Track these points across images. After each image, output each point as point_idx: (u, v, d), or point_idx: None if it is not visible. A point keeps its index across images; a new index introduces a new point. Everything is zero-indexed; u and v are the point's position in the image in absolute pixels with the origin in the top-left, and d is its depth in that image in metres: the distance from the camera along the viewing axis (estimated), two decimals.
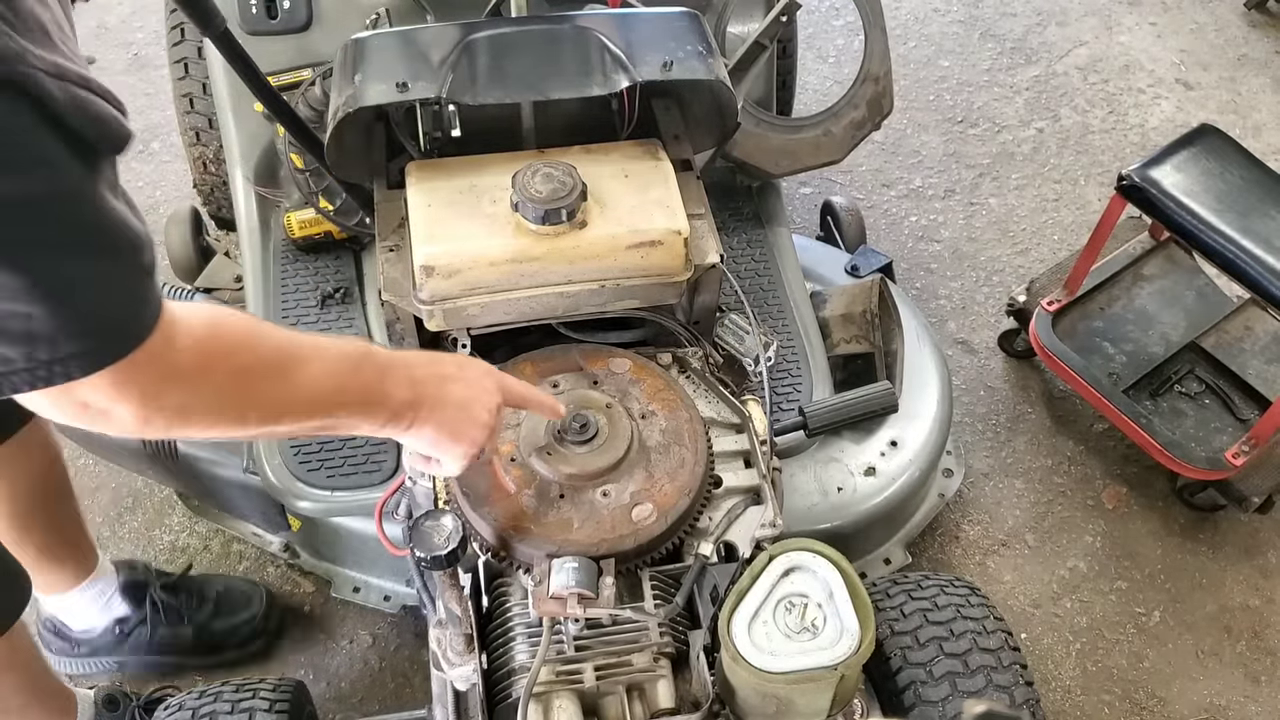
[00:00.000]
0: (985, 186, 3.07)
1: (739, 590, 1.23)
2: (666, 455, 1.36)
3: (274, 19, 2.06)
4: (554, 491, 1.33)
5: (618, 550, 1.29)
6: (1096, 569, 2.29)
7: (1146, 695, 2.13)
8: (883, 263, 2.44)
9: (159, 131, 3.16)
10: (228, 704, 1.54)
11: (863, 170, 3.09)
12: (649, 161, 1.58)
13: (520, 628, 1.36)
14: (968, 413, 2.55)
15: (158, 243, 2.73)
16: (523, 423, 1.37)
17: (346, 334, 2.03)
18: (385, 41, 1.64)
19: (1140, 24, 3.57)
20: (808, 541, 1.26)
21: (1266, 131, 3.24)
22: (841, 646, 1.18)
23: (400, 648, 2.14)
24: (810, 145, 2.20)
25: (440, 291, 1.45)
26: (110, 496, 2.35)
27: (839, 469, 2.07)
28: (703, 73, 1.56)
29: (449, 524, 1.20)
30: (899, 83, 2.77)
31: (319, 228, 2.08)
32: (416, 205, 1.49)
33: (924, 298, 2.76)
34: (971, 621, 1.58)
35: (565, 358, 1.48)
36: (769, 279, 2.18)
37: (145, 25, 3.50)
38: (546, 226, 1.44)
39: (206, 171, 2.45)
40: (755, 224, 2.27)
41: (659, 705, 1.32)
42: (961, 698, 1.49)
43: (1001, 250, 2.89)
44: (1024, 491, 2.43)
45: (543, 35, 1.62)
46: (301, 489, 1.87)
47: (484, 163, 1.56)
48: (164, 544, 2.28)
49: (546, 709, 1.29)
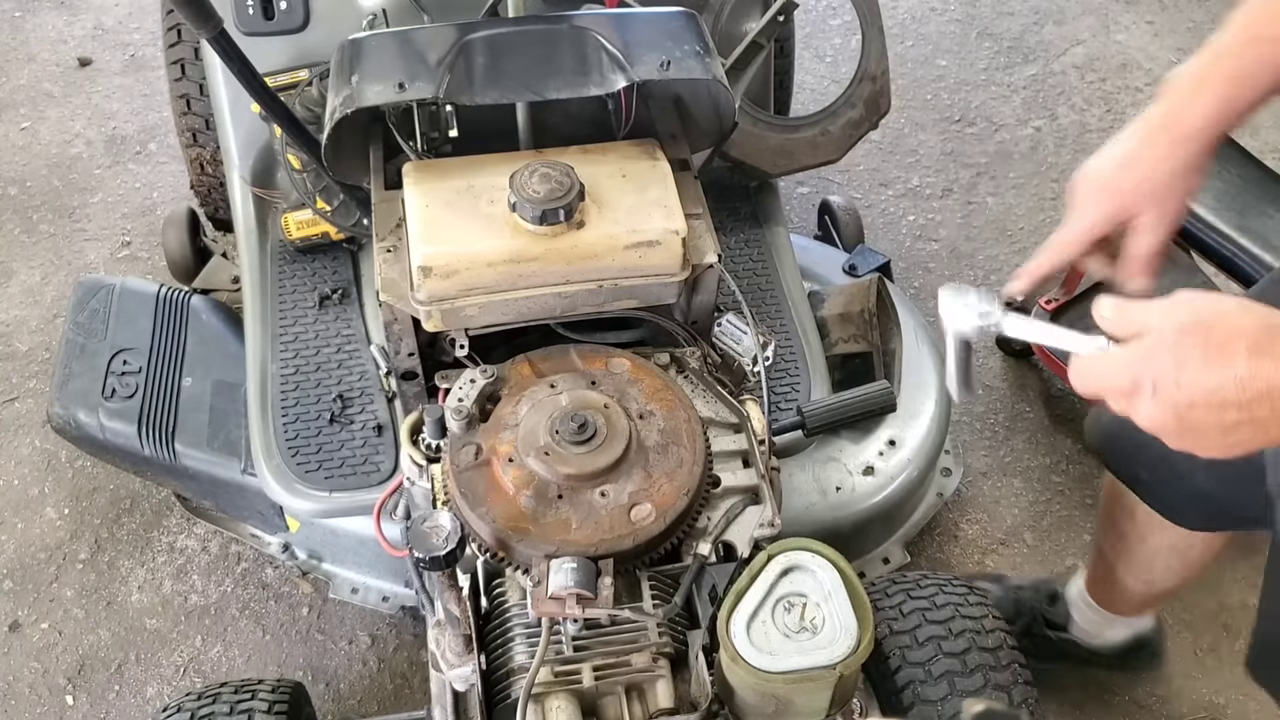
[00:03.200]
0: (983, 185, 3.07)
1: (737, 590, 1.23)
2: (665, 455, 1.36)
3: (271, 19, 2.05)
4: (552, 492, 1.33)
5: (616, 550, 1.29)
6: None
7: (1145, 693, 2.13)
8: (880, 262, 2.44)
9: (156, 133, 3.16)
10: (226, 705, 1.54)
11: (860, 169, 3.09)
12: (646, 161, 1.58)
13: (519, 628, 1.36)
14: (966, 411, 2.55)
15: (155, 244, 2.76)
16: (521, 423, 1.37)
17: (344, 335, 2.03)
18: (382, 42, 1.63)
19: (1138, 22, 3.57)
20: (806, 541, 1.26)
21: (1264, 130, 3.24)
22: (840, 646, 1.18)
23: (399, 649, 2.14)
24: (808, 145, 2.20)
25: (438, 292, 1.45)
26: (108, 498, 2.35)
27: (837, 468, 2.07)
28: (700, 72, 1.56)
29: (447, 524, 1.20)
30: (896, 82, 2.77)
31: (316, 229, 2.08)
32: (414, 206, 1.49)
33: (922, 297, 2.76)
34: (970, 621, 1.58)
35: (563, 358, 1.48)
36: (767, 278, 2.18)
37: (142, 26, 3.50)
38: (544, 227, 1.44)
39: (204, 173, 2.45)
40: (753, 223, 2.27)
41: (658, 705, 1.32)
42: (960, 697, 1.49)
43: (999, 249, 2.89)
44: (1022, 490, 2.43)
45: (540, 35, 1.62)
46: (299, 490, 1.86)
47: (481, 163, 1.56)
48: (162, 546, 2.28)
49: (545, 710, 1.29)
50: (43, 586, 2.22)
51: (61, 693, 2.08)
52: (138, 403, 2.06)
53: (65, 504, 2.35)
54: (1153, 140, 1.13)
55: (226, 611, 2.19)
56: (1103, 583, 1.87)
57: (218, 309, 2.24)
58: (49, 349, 2.61)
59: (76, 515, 2.33)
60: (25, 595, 2.21)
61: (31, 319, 2.70)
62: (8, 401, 2.52)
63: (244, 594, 2.21)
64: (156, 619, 2.18)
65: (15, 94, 3.30)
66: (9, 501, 2.35)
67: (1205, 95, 1.11)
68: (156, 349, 2.13)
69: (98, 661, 2.12)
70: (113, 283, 2.24)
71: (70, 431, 2.10)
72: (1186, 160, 1.11)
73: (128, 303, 2.19)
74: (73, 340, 2.15)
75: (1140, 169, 1.13)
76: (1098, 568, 1.87)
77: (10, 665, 2.11)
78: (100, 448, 2.12)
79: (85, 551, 2.27)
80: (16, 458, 2.42)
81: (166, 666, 2.12)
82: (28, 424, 2.47)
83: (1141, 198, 1.12)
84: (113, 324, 2.16)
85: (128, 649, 2.14)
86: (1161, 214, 1.12)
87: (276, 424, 1.90)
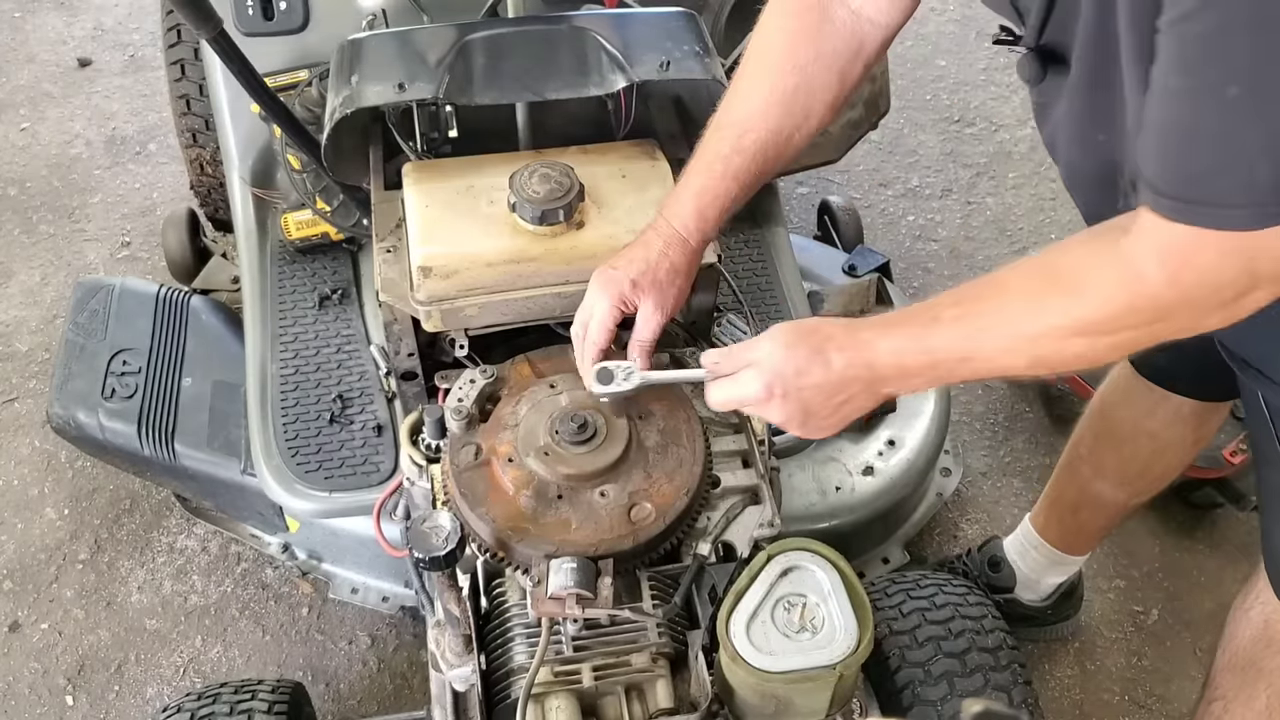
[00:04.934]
0: (982, 185, 3.07)
1: (737, 590, 1.23)
2: (665, 455, 1.36)
3: (270, 20, 2.06)
4: (552, 492, 1.33)
5: (616, 550, 1.29)
6: (1094, 567, 2.29)
7: (1145, 694, 2.13)
8: (880, 262, 2.44)
9: (156, 133, 3.16)
10: (226, 705, 1.54)
11: (860, 170, 3.09)
12: (646, 162, 1.58)
13: (519, 628, 1.36)
14: (965, 411, 2.55)
15: (155, 244, 2.76)
16: (521, 423, 1.37)
17: (344, 336, 2.03)
18: (382, 42, 1.64)
19: None
20: (806, 541, 1.26)
21: None
22: (840, 646, 1.18)
23: (399, 649, 2.14)
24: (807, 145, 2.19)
25: (437, 292, 1.45)
26: (108, 498, 2.35)
27: (837, 468, 2.07)
28: (700, 72, 1.56)
29: (447, 524, 1.20)
30: (896, 82, 2.77)
31: (316, 229, 2.08)
32: (414, 206, 1.49)
33: (921, 297, 2.75)
34: (970, 620, 1.58)
35: (562, 358, 1.48)
36: (766, 279, 2.18)
37: (142, 27, 3.50)
38: (544, 227, 1.44)
39: (203, 173, 2.46)
40: (752, 224, 2.27)
41: (658, 705, 1.32)
42: (959, 697, 1.49)
43: (999, 249, 2.89)
44: (1022, 490, 2.43)
45: (539, 36, 1.62)
46: (299, 490, 1.86)
47: (481, 163, 1.56)
48: (162, 546, 2.28)
49: (545, 709, 1.29)
50: (43, 587, 2.23)
51: (61, 693, 2.08)
52: (137, 403, 2.06)
53: (65, 504, 2.35)
54: (649, 244, 1.35)
55: (226, 612, 2.19)
56: (1059, 523, 2.02)
57: (217, 309, 2.24)
58: (49, 349, 2.61)
59: (76, 515, 2.33)
60: (25, 595, 2.21)
61: (31, 319, 2.70)
62: (7, 402, 2.53)
63: (244, 594, 2.21)
64: (156, 619, 2.18)
65: (15, 94, 3.31)
66: (9, 502, 2.35)
67: (685, 198, 1.35)
68: (156, 349, 2.13)
69: (97, 662, 2.12)
70: (112, 283, 2.24)
71: (70, 432, 2.11)
72: (675, 261, 1.35)
73: (127, 303, 2.19)
74: (72, 340, 2.15)
75: (639, 266, 1.34)
76: (1054, 509, 2.02)
77: (10, 665, 2.11)
78: (100, 448, 2.12)
79: (85, 552, 2.27)
80: (16, 458, 2.42)
81: (166, 667, 2.12)
82: (27, 424, 2.48)
83: (642, 291, 1.33)
84: (112, 324, 2.16)
85: (127, 649, 2.14)
86: (659, 304, 1.34)
87: (276, 424, 1.91)
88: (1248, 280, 0.93)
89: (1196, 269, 0.93)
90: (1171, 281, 0.94)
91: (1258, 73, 0.84)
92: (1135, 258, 0.96)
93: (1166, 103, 0.91)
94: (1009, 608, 2.07)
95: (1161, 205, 0.92)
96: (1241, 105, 0.86)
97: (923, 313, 1.10)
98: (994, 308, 1.06)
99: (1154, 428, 1.77)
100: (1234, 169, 0.89)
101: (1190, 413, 1.73)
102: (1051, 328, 1.02)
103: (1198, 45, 0.86)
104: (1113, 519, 1.97)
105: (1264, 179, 0.87)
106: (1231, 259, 0.91)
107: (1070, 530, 2.01)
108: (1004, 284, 1.07)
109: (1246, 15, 0.83)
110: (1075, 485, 1.93)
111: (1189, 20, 0.86)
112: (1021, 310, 1.04)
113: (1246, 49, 0.84)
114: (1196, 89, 0.88)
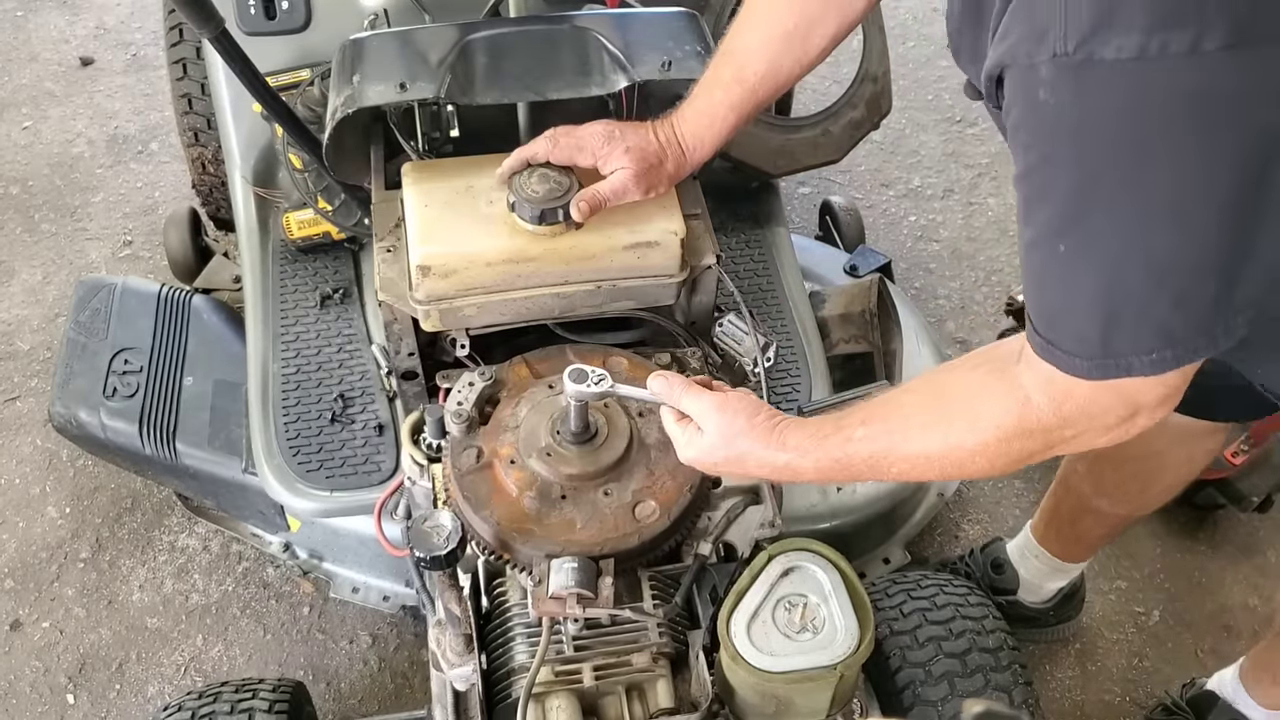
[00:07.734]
0: (984, 186, 3.07)
1: (738, 590, 1.23)
2: (666, 453, 1.36)
3: (272, 19, 2.06)
4: (556, 492, 1.33)
5: (623, 548, 1.29)
6: (1095, 568, 2.28)
7: (1146, 695, 2.13)
8: (881, 262, 2.44)
9: (157, 132, 3.16)
10: (227, 704, 1.54)
11: (861, 170, 3.09)
12: None
13: (520, 628, 1.36)
14: None
15: (156, 243, 2.76)
16: (521, 425, 1.37)
17: (345, 335, 2.03)
18: (383, 42, 1.64)
19: None
20: (807, 541, 1.26)
21: None
22: (840, 646, 1.18)
23: (400, 648, 2.14)
24: (809, 145, 2.20)
25: (437, 292, 1.45)
26: (109, 497, 2.35)
27: None
28: (701, 72, 1.56)
29: (448, 524, 1.20)
30: (898, 82, 2.77)
31: (318, 228, 2.08)
32: (413, 206, 1.49)
33: (923, 297, 2.76)
34: (970, 621, 1.58)
35: (562, 358, 1.48)
36: (768, 279, 2.18)
37: (144, 26, 3.51)
38: (543, 227, 1.44)
39: (205, 172, 2.46)
40: (754, 224, 2.27)
41: (658, 705, 1.32)
42: (960, 697, 1.49)
43: (1001, 250, 2.89)
44: (1023, 491, 2.43)
45: (541, 36, 1.62)
46: (300, 489, 1.86)
47: (481, 163, 1.55)
48: (163, 545, 2.28)
49: (545, 709, 1.30)
50: (44, 585, 2.23)
51: (62, 691, 2.08)
52: (139, 402, 2.06)
53: (66, 503, 2.35)
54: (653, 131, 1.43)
55: (227, 611, 2.19)
56: (1057, 534, 2.02)
57: (219, 308, 2.24)
58: (50, 348, 2.61)
59: (78, 514, 2.33)
60: (26, 594, 2.21)
61: (33, 318, 2.70)
62: (9, 401, 2.53)
63: (245, 593, 2.21)
64: (157, 618, 2.18)
65: (17, 93, 3.31)
66: (10, 500, 2.36)
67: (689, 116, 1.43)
68: (158, 348, 2.13)
69: (99, 660, 2.13)
70: (114, 282, 2.24)
71: (71, 431, 2.11)
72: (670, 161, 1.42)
73: (129, 302, 2.20)
74: (74, 339, 2.15)
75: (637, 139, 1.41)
76: (1053, 521, 2.01)
77: (11, 664, 2.11)
78: (101, 447, 2.12)
79: (86, 550, 2.28)
80: (18, 457, 2.43)
81: (167, 665, 2.12)
82: (29, 423, 2.48)
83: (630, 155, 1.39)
84: (114, 323, 2.17)
85: (129, 648, 2.14)
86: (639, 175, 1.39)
87: (277, 423, 1.91)
88: (1127, 408, 0.97)
89: (1076, 400, 0.97)
90: (1055, 410, 0.98)
91: (1082, 232, 0.87)
92: (1024, 384, 1.00)
93: (1023, 248, 0.96)
94: (1011, 609, 2.07)
95: (1034, 340, 0.96)
96: (1070, 261, 0.89)
97: (835, 433, 1.14)
98: (899, 428, 1.11)
99: (1159, 446, 1.74)
100: (1070, 320, 0.93)
101: (1199, 431, 1.70)
102: (952, 448, 1.07)
103: (1034, 202, 0.91)
104: (1114, 530, 1.96)
105: (1091, 334, 0.91)
106: (1104, 392, 0.95)
107: (1069, 540, 2.01)
108: (905, 409, 1.12)
109: (1071, 179, 0.86)
110: (1072, 500, 1.92)
111: (1027, 177, 0.90)
112: (921, 435, 1.09)
113: (1073, 210, 0.87)
114: (1036, 241, 0.92)
